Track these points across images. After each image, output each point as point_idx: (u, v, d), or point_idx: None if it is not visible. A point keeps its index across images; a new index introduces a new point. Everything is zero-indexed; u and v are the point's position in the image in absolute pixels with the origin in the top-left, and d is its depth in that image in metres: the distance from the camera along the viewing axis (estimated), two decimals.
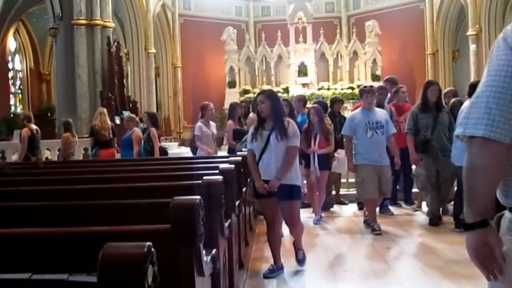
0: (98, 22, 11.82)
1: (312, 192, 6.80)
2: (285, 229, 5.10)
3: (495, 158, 1.44)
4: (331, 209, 7.49)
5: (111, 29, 12.40)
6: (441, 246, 5.27)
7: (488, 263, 1.49)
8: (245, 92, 17.57)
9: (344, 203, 7.87)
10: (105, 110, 8.99)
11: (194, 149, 7.71)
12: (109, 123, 8.66)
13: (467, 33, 15.35)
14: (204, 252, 2.36)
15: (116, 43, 12.63)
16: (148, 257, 1.29)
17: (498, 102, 1.42)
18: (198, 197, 2.15)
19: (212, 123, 7.69)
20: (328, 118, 7.02)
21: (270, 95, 4.58)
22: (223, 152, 10.02)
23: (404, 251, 5.24)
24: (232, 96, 16.52)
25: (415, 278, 4.41)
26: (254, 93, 16.70)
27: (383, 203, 6.85)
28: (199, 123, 7.46)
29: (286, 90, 17.11)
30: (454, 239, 5.38)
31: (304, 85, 17.29)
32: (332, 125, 6.94)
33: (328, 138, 6.62)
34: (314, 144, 6.54)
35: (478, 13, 15.14)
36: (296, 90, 16.44)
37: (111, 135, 8.55)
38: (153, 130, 7.57)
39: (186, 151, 13.51)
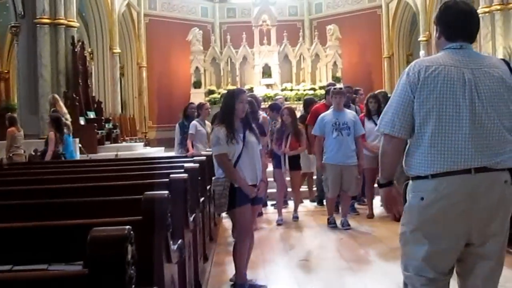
0: (62, 21, 11.71)
1: (281, 192, 7.03)
2: None
3: (395, 146, 2.27)
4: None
5: (76, 28, 12.33)
6: (387, 235, 5.77)
7: (392, 208, 2.40)
8: (211, 92, 17.80)
9: (314, 201, 8.16)
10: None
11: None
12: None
13: (419, 39, 16.16)
14: (171, 241, 2.66)
15: (80, 43, 12.62)
16: (128, 237, 1.58)
17: (398, 114, 2.23)
18: (166, 192, 2.45)
19: (207, 123, 7.72)
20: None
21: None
22: None
23: (356, 241, 5.69)
24: (197, 96, 16.71)
25: (363, 263, 4.89)
26: (219, 93, 17.01)
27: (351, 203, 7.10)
28: (194, 122, 7.45)
29: (251, 90, 17.36)
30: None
31: (268, 85, 17.66)
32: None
33: (300, 139, 6.80)
34: (286, 145, 6.70)
35: (428, 21, 15.96)
36: (260, 91, 16.81)
37: None
38: (51, 134, 7.32)
39: (152, 151, 13.67)
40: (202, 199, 4.60)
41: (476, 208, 2.09)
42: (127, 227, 1.60)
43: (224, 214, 5.80)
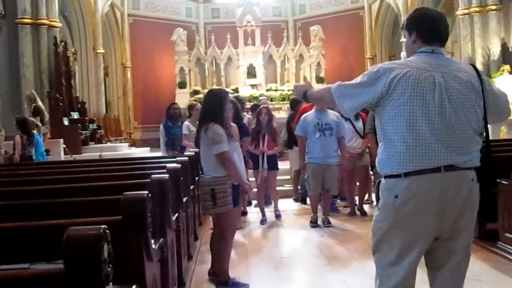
0: (44, 21, 11.60)
1: (261, 192, 7.07)
2: None
3: None
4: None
5: (58, 29, 12.23)
6: (366, 232, 5.81)
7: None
8: (195, 92, 17.77)
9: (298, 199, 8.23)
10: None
11: (181, 148, 7.57)
12: None
13: (400, 40, 16.35)
14: (152, 240, 2.69)
15: (63, 43, 12.53)
16: (104, 236, 1.61)
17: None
18: (146, 192, 2.48)
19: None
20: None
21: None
22: None
23: (336, 239, 5.78)
24: (182, 97, 16.69)
25: (342, 260, 4.97)
26: (204, 93, 16.99)
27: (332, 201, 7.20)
28: (186, 123, 7.40)
29: (236, 90, 17.44)
30: None
31: (253, 86, 17.69)
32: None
33: (276, 139, 6.85)
34: (263, 145, 6.75)
35: None
36: (245, 91, 16.87)
37: None
38: (17, 137, 7.27)
39: (136, 152, 13.61)
40: (185, 198, 4.63)
41: (446, 205, 2.19)
42: (103, 226, 1.63)
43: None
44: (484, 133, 2.47)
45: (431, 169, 2.16)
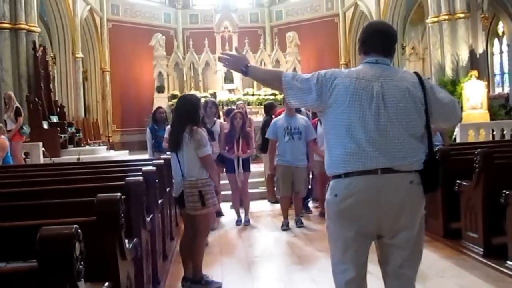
0: (23, 26, 11.54)
1: (236, 195, 7.07)
2: None
3: None
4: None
5: (37, 33, 12.15)
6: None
7: None
8: (174, 97, 17.75)
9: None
10: None
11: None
12: None
13: None
14: (126, 240, 2.76)
15: (42, 48, 12.44)
16: (75, 235, 1.69)
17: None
18: (119, 194, 2.55)
19: None
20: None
21: None
22: None
23: (307, 238, 5.93)
24: (160, 101, 16.67)
25: (312, 258, 5.13)
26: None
27: (304, 202, 7.30)
28: (169, 126, 7.40)
29: (214, 95, 17.52)
30: None
31: (230, 90, 17.78)
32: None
33: (249, 142, 6.90)
34: (237, 149, 6.78)
35: None
36: (223, 96, 16.96)
37: None
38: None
39: (114, 155, 13.56)
40: (161, 200, 4.69)
41: (383, 204, 2.29)
42: (75, 226, 1.71)
43: None
44: (437, 137, 2.58)
45: (368, 171, 2.27)
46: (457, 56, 12.91)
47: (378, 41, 2.41)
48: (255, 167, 7.61)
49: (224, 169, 7.12)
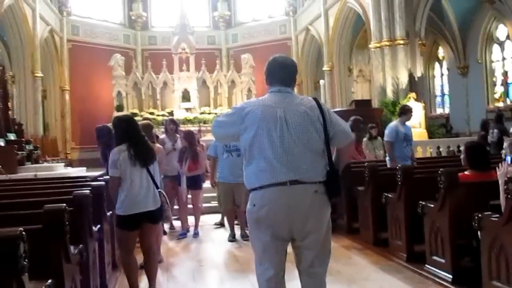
0: None
1: (183, 210, 7.28)
2: None
3: None
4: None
5: None
6: None
7: None
8: (133, 115, 17.89)
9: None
10: None
11: None
12: None
13: (323, 68, 17.37)
14: (72, 246, 3.04)
15: (1, 68, 12.42)
16: (20, 236, 1.98)
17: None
18: (64, 204, 2.84)
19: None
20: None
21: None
22: None
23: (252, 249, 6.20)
24: None
25: (252, 265, 5.37)
26: (141, 116, 17.18)
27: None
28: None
29: (171, 113, 17.76)
30: None
31: (187, 109, 18.07)
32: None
33: (197, 161, 7.08)
34: (181, 167, 6.99)
35: (330, 52, 17.24)
36: (180, 114, 17.20)
37: None
38: None
39: (72, 171, 13.52)
40: (109, 212, 4.91)
41: (292, 211, 2.63)
42: (20, 228, 2.00)
43: None
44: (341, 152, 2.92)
45: (278, 183, 2.62)
46: (397, 79, 13.55)
47: (280, 73, 2.77)
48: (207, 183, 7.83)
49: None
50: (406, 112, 7.06)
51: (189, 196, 7.30)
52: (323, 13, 17.26)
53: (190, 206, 7.43)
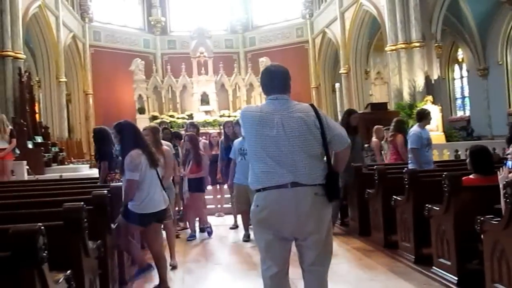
0: (9, 53, 12.01)
1: (187, 212, 7.38)
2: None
3: None
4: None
5: (22, 60, 12.58)
6: None
7: None
8: (154, 118, 18.24)
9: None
10: None
11: None
12: None
13: (339, 71, 17.37)
14: (90, 242, 3.23)
15: (27, 73, 12.86)
16: (39, 231, 2.16)
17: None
18: (82, 203, 3.03)
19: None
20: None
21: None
22: None
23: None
24: (142, 122, 17.05)
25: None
26: (162, 118, 17.52)
27: None
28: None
29: (191, 116, 18.04)
30: None
31: (206, 112, 18.31)
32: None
33: (200, 164, 7.13)
34: (184, 169, 7.06)
35: (347, 55, 17.23)
36: (199, 117, 17.45)
37: None
38: None
39: (96, 172, 13.81)
40: None
41: (294, 212, 2.73)
42: (39, 224, 2.18)
43: None
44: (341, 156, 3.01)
45: (280, 185, 2.73)
46: (414, 82, 13.52)
47: (275, 82, 2.89)
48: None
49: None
50: (426, 117, 6.98)
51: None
52: (339, 16, 17.29)
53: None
